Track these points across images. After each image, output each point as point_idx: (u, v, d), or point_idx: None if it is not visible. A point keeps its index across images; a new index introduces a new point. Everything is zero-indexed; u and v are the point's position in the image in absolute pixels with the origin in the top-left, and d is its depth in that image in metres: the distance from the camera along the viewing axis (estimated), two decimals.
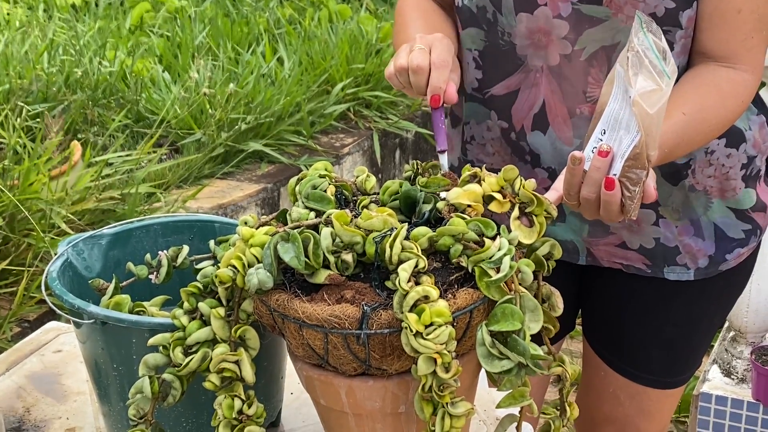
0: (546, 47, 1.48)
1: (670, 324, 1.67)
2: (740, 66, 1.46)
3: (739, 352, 2.50)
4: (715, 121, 1.45)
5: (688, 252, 1.59)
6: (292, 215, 1.22)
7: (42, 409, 1.51)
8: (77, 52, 4.05)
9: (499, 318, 1.10)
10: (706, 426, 2.48)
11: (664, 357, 1.70)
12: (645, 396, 1.74)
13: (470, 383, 1.23)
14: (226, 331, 1.19)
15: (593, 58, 1.47)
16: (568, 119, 1.51)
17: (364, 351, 1.12)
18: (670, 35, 1.45)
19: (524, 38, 1.49)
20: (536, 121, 1.54)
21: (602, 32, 1.45)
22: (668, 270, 1.61)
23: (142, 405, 1.20)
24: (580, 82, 1.49)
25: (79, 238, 1.43)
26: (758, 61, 1.48)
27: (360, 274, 1.16)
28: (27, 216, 2.72)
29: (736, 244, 1.61)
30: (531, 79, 1.52)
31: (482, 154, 1.62)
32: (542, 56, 1.49)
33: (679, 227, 1.58)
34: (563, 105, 1.51)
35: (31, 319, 2.76)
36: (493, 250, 1.12)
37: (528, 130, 1.55)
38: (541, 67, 1.50)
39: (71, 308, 1.28)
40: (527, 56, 1.50)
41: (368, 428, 1.20)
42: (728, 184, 1.57)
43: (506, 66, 1.53)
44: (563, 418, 1.25)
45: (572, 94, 1.50)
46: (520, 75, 1.52)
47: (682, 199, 1.56)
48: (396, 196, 1.27)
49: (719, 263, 1.61)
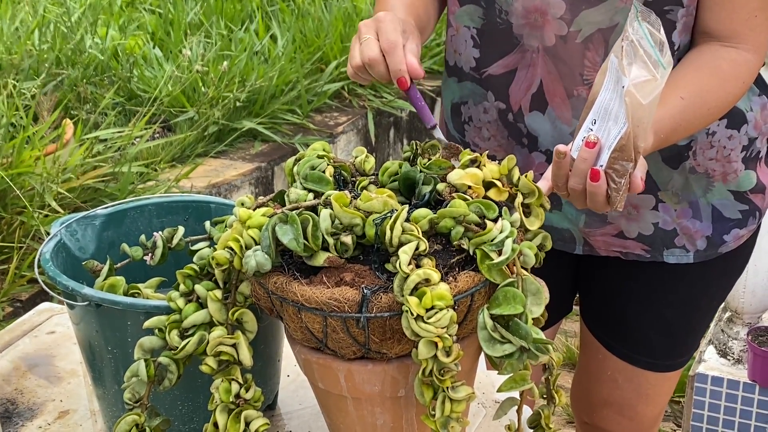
0: (542, 27, 1.46)
1: (669, 307, 1.66)
2: (743, 46, 1.44)
3: (736, 332, 2.50)
4: (714, 104, 1.43)
5: (685, 233, 1.58)
6: (290, 196, 1.20)
7: (35, 391, 1.49)
8: (68, 28, 4.01)
9: (500, 301, 1.08)
10: (701, 407, 2.47)
11: (663, 340, 1.69)
12: (643, 379, 1.73)
13: (471, 367, 1.22)
14: (223, 313, 1.18)
15: (589, 41, 1.45)
16: (567, 100, 1.49)
17: (363, 334, 1.10)
18: (672, 14, 1.43)
19: (520, 17, 1.47)
20: (534, 101, 1.52)
21: (600, 13, 1.43)
22: (668, 253, 1.59)
23: (137, 388, 1.19)
24: (577, 65, 1.47)
25: (72, 219, 1.41)
26: (761, 41, 1.46)
27: (359, 256, 1.14)
28: (19, 194, 2.70)
29: (733, 224, 1.59)
30: (528, 59, 1.50)
31: (478, 138, 1.60)
32: (538, 37, 1.47)
33: (678, 210, 1.57)
34: (560, 85, 1.49)
35: (23, 299, 2.74)
36: (494, 232, 1.10)
37: (526, 111, 1.53)
38: (537, 47, 1.48)
39: (65, 290, 1.26)
40: (523, 36, 1.48)
41: (367, 412, 1.19)
42: (730, 166, 1.55)
43: (503, 45, 1.51)
44: (551, 406, 1.24)
45: (569, 76, 1.48)
46: (517, 55, 1.51)
47: (683, 182, 1.55)
48: (395, 177, 1.25)
49: (718, 245, 1.60)
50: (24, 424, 1.42)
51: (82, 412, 1.45)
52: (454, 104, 1.63)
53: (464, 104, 1.61)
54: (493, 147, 1.58)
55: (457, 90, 1.61)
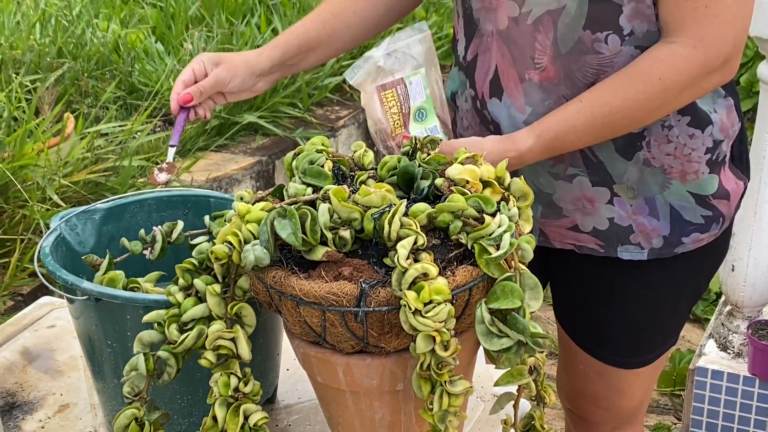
0: (496, 10, 1.48)
1: (631, 306, 1.64)
2: (683, 39, 1.39)
3: (736, 326, 2.50)
4: (620, 104, 1.40)
5: (641, 231, 1.56)
6: (289, 191, 1.20)
7: (35, 385, 1.50)
8: (70, 22, 4.01)
9: (498, 295, 1.09)
10: (701, 400, 2.48)
11: (628, 338, 1.68)
12: (614, 375, 1.72)
13: (469, 361, 1.22)
14: (222, 308, 1.18)
15: (539, 22, 1.45)
16: (519, 84, 1.50)
17: (361, 329, 1.11)
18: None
19: (477, 1, 1.51)
20: (492, 88, 1.53)
21: None
22: (621, 249, 1.58)
23: (136, 382, 1.19)
24: (528, 47, 1.47)
25: (72, 213, 1.42)
26: (706, 35, 1.39)
27: (358, 250, 1.14)
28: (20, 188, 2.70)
29: (694, 228, 1.56)
30: (485, 44, 1.52)
31: (461, 128, 1.63)
32: (492, 19, 1.49)
33: (633, 206, 1.54)
34: (513, 70, 1.50)
35: (24, 293, 2.74)
36: (492, 227, 1.10)
37: (487, 98, 1.54)
38: (492, 31, 1.50)
39: (64, 284, 1.26)
40: (480, 20, 1.52)
41: (365, 406, 1.19)
42: (690, 166, 1.52)
43: (469, 30, 1.55)
44: (541, 407, 1.24)
45: (521, 59, 1.48)
46: (477, 40, 1.54)
47: (638, 175, 1.52)
48: (394, 172, 1.25)
49: (674, 245, 1.57)
50: (24, 418, 1.42)
51: (82, 405, 1.45)
52: (452, 93, 1.66)
53: (457, 93, 1.64)
54: (471, 136, 1.60)
55: (457, 78, 1.65)
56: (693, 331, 3.40)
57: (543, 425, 1.22)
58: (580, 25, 1.43)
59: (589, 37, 1.43)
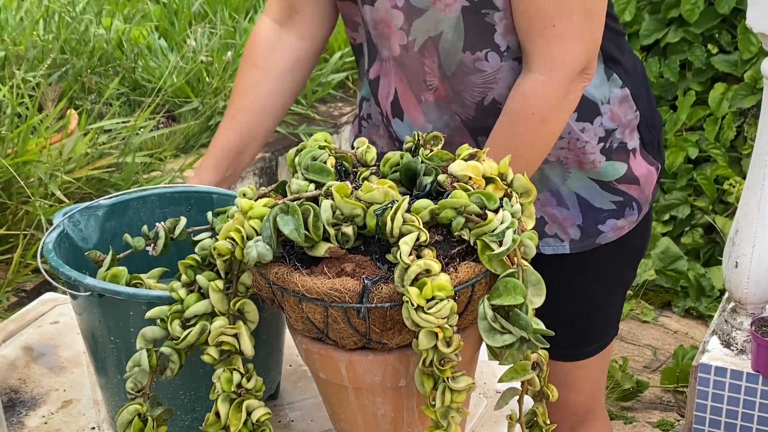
0: (389, 38, 1.51)
1: (564, 300, 1.66)
2: (538, 64, 1.42)
3: (739, 323, 2.49)
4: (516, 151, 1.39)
5: (554, 222, 1.59)
6: (291, 187, 1.20)
7: (39, 380, 1.50)
8: (73, 18, 4.01)
9: (501, 292, 1.09)
10: (705, 397, 2.48)
11: (565, 331, 1.68)
12: (557, 368, 1.71)
13: (471, 357, 1.22)
14: (225, 304, 1.18)
15: (424, 48, 1.49)
16: (418, 106, 1.54)
17: (364, 325, 1.11)
18: (489, 17, 1.45)
19: (372, 28, 1.53)
20: (394, 109, 1.57)
21: (426, 23, 1.47)
22: (542, 243, 1.60)
23: (139, 378, 1.19)
24: (420, 72, 1.51)
25: (75, 209, 1.42)
26: (557, 56, 1.41)
27: (360, 247, 1.14)
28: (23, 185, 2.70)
29: (608, 215, 1.59)
30: (385, 68, 1.55)
31: (375, 135, 1.64)
32: (387, 47, 1.53)
33: (541, 199, 1.59)
34: (411, 93, 1.54)
35: (28, 289, 2.75)
36: (495, 223, 1.10)
37: (390, 117, 1.58)
38: (389, 57, 1.53)
39: (67, 280, 1.26)
40: (378, 45, 1.54)
41: (368, 402, 1.19)
42: (586, 157, 1.55)
43: (372, 52, 1.58)
44: (543, 403, 1.24)
45: (415, 83, 1.52)
46: (378, 63, 1.56)
47: (538, 173, 1.56)
48: (397, 168, 1.25)
49: (594, 235, 1.60)
50: (27, 414, 1.42)
51: (86, 401, 1.45)
52: (362, 98, 1.69)
53: (368, 101, 1.66)
54: (387, 145, 1.63)
55: (366, 84, 1.66)
56: (696, 328, 3.40)
57: (546, 421, 1.22)
58: (459, 48, 1.47)
59: (470, 57, 1.48)
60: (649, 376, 3.11)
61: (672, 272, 3.53)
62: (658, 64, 3.88)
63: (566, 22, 1.40)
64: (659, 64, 3.88)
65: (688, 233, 3.69)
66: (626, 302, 3.46)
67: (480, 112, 1.51)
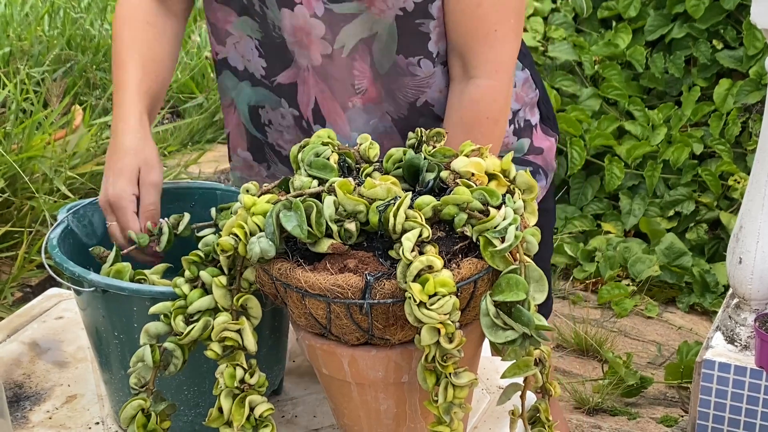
0: (308, 47, 1.48)
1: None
2: (482, 68, 1.45)
3: (743, 319, 2.49)
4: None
5: None
6: (294, 183, 1.21)
7: (43, 376, 1.51)
8: (78, 14, 4.02)
9: (503, 288, 1.09)
10: (708, 393, 2.48)
11: None
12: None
13: (474, 353, 1.22)
14: (228, 299, 1.18)
15: (354, 52, 1.47)
16: (342, 114, 1.52)
17: (367, 321, 1.11)
18: (424, 26, 1.45)
19: (290, 35, 1.48)
20: (315, 116, 1.54)
21: (359, 26, 1.45)
22: None
23: (143, 374, 1.20)
24: (347, 77, 1.49)
25: (79, 205, 1.42)
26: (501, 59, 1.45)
27: (363, 243, 1.14)
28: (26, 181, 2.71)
29: None
30: (302, 76, 1.51)
31: (281, 141, 1.61)
32: (306, 56, 1.49)
33: None
34: (335, 102, 1.51)
35: (32, 284, 2.75)
36: (497, 219, 1.10)
37: (312, 123, 1.55)
38: (307, 66, 1.50)
39: (72, 276, 1.27)
40: (295, 53, 1.50)
41: (371, 397, 1.19)
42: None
43: (284, 58, 1.52)
44: (546, 399, 1.24)
45: (341, 90, 1.50)
46: (294, 70, 1.52)
47: None
48: (399, 165, 1.25)
49: None
50: (32, 408, 1.43)
51: (90, 396, 1.46)
52: (251, 107, 1.61)
53: (262, 108, 1.60)
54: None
55: (253, 94, 1.59)
56: (701, 324, 3.40)
57: (548, 417, 1.22)
58: (393, 50, 1.47)
59: (404, 61, 1.47)
60: (653, 372, 3.11)
61: (676, 268, 3.53)
62: (663, 60, 3.87)
63: (505, 26, 1.44)
64: (664, 60, 3.88)
65: (692, 229, 3.69)
66: (630, 298, 3.46)
67: (412, 112, 1.52)
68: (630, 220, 3.73)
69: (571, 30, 4.04)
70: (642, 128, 3.78)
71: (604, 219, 3.81)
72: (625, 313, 3.42)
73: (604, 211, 3.82)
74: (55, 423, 1.40)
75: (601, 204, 3.83)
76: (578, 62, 3.93)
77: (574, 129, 3.72)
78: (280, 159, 1.62)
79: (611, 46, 3.90)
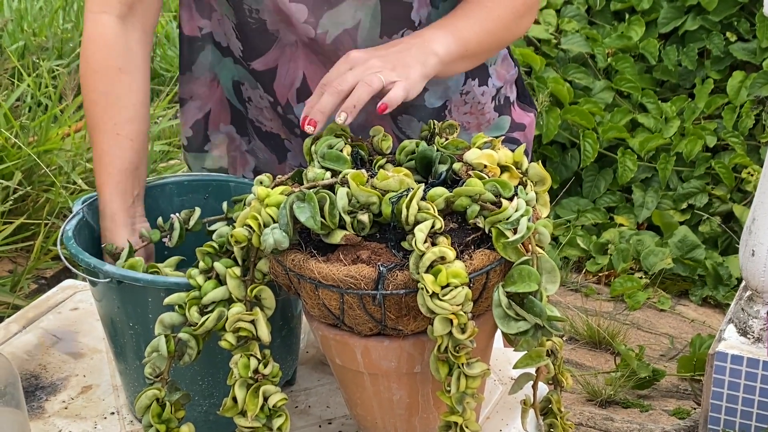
0: (295, 26, 1.46)
1: None
2: None
3: (756, 311, 2.49)
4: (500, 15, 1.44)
5: None
6: (308, 175, 1.21)
7: (59, 366, 1.52)
8: None
9: (515, 279, 1.10)
10: (721, 385, 2.48)
11: None
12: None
13: (486, 344, 1.23)
14: (242, 290, 1.19)
15: (338, 41, 1.46)
16: None
17: (379, 311, 1.12)
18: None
19: (273, 14, 1.45)
20: (300, 95, 1.52)
21: (341, 15, 1.44)
22: None
23: (158, 363, 1.21)
24: (334, 55, 1.45)
25: (94, 197, 1.43)
26: None
27: (376, 234, 1.15)
28: (46, 171, 2.73)
29: None
30: (288, 54, 1.49)
31: (261, 117, 1.61)
32: (293, 32, 1.47)
33: None
34: (324, 71, 1.46)
35: (48, 276, 2.77)
36: (510, 211, 1.11)
37: (294, 103, 1.54)
38: (296, 41, 1.48)
39: (87, 267, 1.28)
40: (279, 31, 1.47)
41: (384, 387, 1.20)
42: (483, 117, 1.62)
43: (261, 43, 1.50)
44: (558, 390, 1.25)
45: (330, 65, 1.45)
46: (276, 51, 1.50)
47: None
48: (412, 156, 1.26)
49: None
50: (48, 399, 1.44)
51: (105, 386, 1.47)
52: (234, 81, 1.61)
53: (242, 85, 1.60)
54: (276, 127, 1.61)
55: (234, 70, 1.59)
56: (713, 316, 3.39)
57: (560, 408, 1.23)
58: (376, 34, 1.46)
59: (387, 41, 1.46)
60: (666, 364, 3.11)
61: (689, 261, 3.52)
62: (676, 52, 3.87)
63: None
64: (677, 52, 3.87)
65: (705, 222, 3.68)
66: (643, 291, 3.46)
67: None
68: (643, 212, 3.73)
69: (584, 22, 4.03)
70: (655, 121, 3.78)
71: (616, 212, 3.81)
72: (637, 305, 3.41)
73: (616, 203, 3.82)
74: (71, 413, 1.41)
75: (613, 197, 3.83)
76: (591, 55, 3.93)
77: (587, 122, 3.72)
78: (259, 135, 1.63)
79: (624, 39, 3.89)
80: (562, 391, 1.25)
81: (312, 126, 1.26)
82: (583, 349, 3.21)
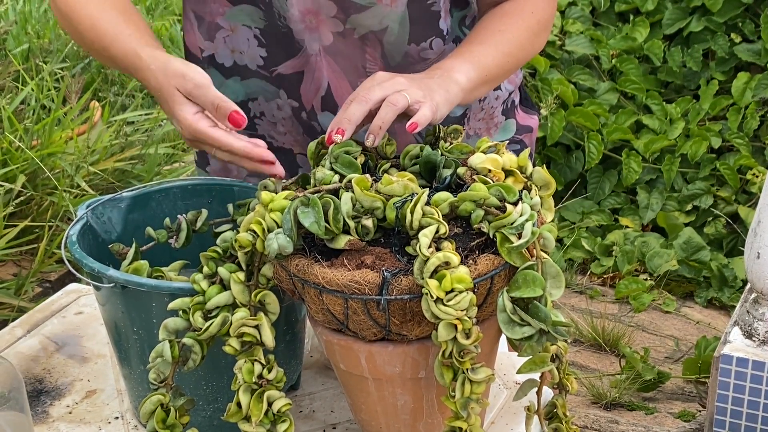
0: (318, 28, 1.47)
1: None
2: None
3: (761, 314, 2.49)
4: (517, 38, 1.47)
5: None
6: (316, 175, 1.21)
7: (63, 371, 1.52)
8: None
9: (520, 284, 1.09)
10: (726, 388, 2.47)
11: None
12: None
13: (491, 349, 1.23)
14: (246, 295, 1.19)
15: (365, 39, 1.47)
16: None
17: (384, 317, 1.11)
18: (436, 5, 1.45)
19: (298, 22, 1.47)
20: (325, 103, 1.53)
21: (369, 18, 1.45)
22: None
23: (162, 369, 1.20)
24: (358, 58, 1.49)
25: (98, 202, 1.43)
26: None
27: (380, 239, 1.15)
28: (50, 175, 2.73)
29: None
30: (312, 63, 1.51)
31: (274, 132, 1.60)
32: (317, 38, 1.48)
33: None
34: (346, 82, 1.51)
35: (52, 279, 2.77)
36: (514, 215, 1.11)
37: (318, 111, 1.54)
38: (319, 49, 1.49)
39: (91, 272, 1.28)
40: (305, 41, 1.49)
41: (388, 393, 1.20)
42: (492, 122, 1.64)
43: (288, 47, 1.51)
44: (563, 395, 1.24)
45: (351, 69, 1.50)
46: (302, 59, 1.51)
47: None
48: (416, 161, 1.26)
49: None
50: (52, 403, 1.44)
51: (109, 391, 1.47)
52: (238, 103, 1.57)
53: (253, 101, 1.58)
54: (290, 142, 1.60)
55: (241, 88, 1.58)
56: (718, 319, 3.39)
57: (566, 413, 1.23)
58: (404, 42, 1.47)
59: (415, 49, 1.48)
60: (671, 366, 3.11)
61: (694, 262, 3.52)
62: (681, 53, 3.86)
63: None
64: (682, 53, 3.86)
65: (710, 223, 3.68)
66: (648, 292, 3.45)
67: None
68: (648, 214, 3.73)
69: (589, 24, 4.03)
70: (660, 122, 3.77)
71: (621, 213, 3.81)
72: (642, 307, 3.41)
73: (621, 205, 3.82)
74: (75, 417, 1.41)
75: (618, 198, 3.83)
76: (595, 56, 3.92)
77: (592, 123, 3.72)
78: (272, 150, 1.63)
79: (629, 40, 3.89)
80: (567, 395, 1.25)
81: (340, 135, 1.26)
82: (587, 352, 3.21)
